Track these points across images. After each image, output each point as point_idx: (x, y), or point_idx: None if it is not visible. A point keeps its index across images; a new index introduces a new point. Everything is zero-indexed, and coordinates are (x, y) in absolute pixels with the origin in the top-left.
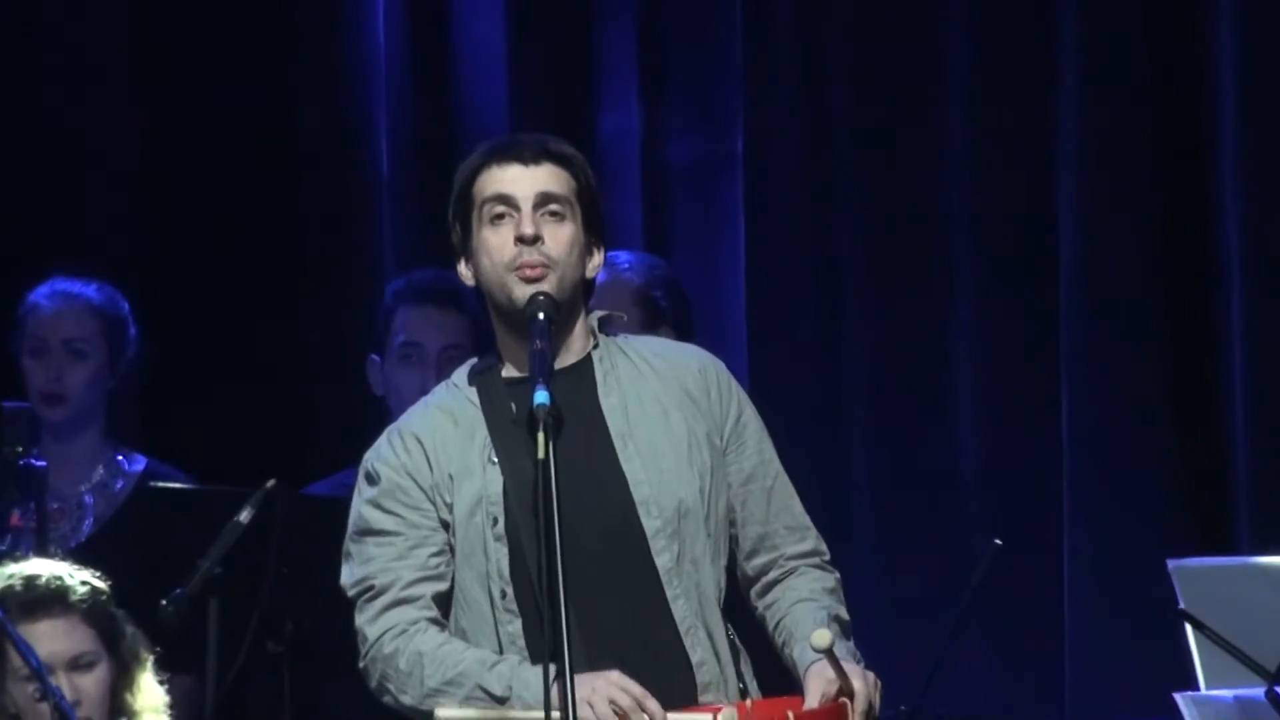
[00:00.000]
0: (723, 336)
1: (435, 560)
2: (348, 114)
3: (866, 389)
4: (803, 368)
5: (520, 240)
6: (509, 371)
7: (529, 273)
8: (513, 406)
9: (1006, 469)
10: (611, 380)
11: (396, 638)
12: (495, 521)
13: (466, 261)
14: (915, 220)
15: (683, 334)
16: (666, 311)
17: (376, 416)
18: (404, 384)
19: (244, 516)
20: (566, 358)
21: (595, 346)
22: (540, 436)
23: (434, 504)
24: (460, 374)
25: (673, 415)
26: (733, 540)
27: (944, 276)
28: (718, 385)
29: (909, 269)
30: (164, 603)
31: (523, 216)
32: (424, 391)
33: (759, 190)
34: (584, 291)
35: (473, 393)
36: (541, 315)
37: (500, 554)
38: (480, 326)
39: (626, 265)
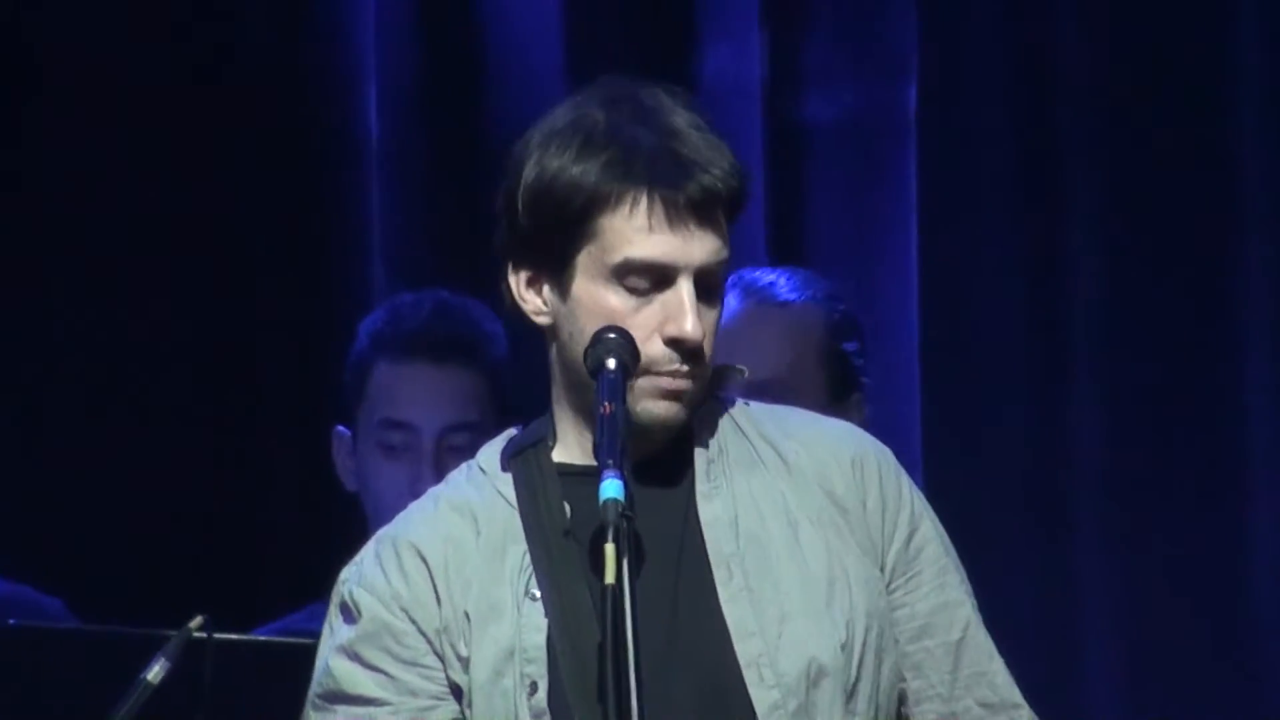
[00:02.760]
0: (885, 393)
1: None
2: (315, 45)
3: (1107, 471)
4: (1010, 444)
5: (676, 342)
6: (564, 454)
7: (670, 389)
8: (567, 508)
9: None
10: (718, 473)
11: None
12: (534, 688)
13: (529, 283)
14: (1188, 213)
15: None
16: (859, 372)
17: (354, 521)
18: (383, 484)
19: (154, 674)
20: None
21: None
22: (609, 551)
23: (441, 657)
24: (490, 452)
25: (805, 531)
26: None
27: (1229, 309)
28: (879, 485)
29: (1176, 287)
30: None
31: (683, 304)
32: (413, 497)
33: (940, 166)
34: None
35: (507, 483)
36: (613, 362)
37: None
38: (504, 394)
39: (785, 297)
